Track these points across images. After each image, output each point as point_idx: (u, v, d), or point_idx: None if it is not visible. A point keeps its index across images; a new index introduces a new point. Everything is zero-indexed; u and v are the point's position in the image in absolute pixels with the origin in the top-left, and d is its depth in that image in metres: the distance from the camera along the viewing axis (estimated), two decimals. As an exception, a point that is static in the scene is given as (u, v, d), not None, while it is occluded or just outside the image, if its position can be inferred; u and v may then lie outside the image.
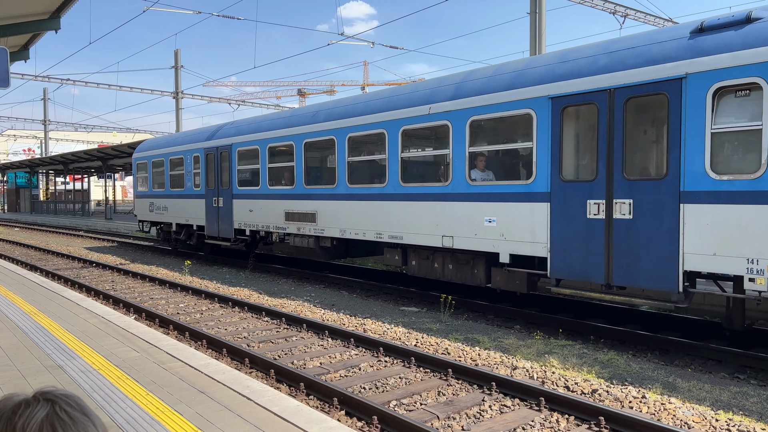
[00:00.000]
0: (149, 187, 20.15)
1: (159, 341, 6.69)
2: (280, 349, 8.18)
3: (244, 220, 14.90)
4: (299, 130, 12.89)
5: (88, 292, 12.76)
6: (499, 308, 10.16)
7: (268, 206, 13.95)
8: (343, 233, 11.69)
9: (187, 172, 17.47)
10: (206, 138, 16.73)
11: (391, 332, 8.94)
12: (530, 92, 8.41)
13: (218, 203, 15.85)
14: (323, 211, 12.21)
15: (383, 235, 10.73)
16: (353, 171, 11.71)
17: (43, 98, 53.56)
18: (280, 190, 13.65)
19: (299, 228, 12.90)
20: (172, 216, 18.60)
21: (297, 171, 12.99)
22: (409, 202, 10.24)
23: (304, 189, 12.78)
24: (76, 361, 5.89)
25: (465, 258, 9.72)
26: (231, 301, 11.31)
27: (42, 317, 8.05)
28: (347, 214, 11.58)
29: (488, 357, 7.54)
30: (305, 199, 12.72)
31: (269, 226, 13.95)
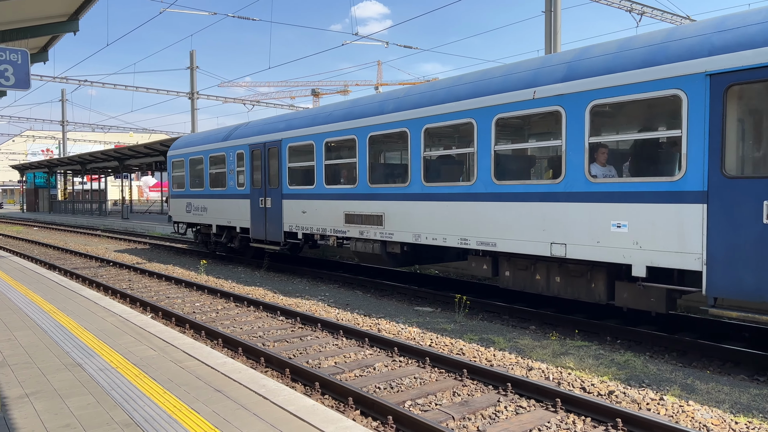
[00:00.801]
0: (186, 187, 18.99)
1: (176, 340, 6.75)
2: (295, 348, 8.22)
3: (295, 222, 13.63)
4: (362, 122, 11.51)
5: (106, 291, 12.91)
6: (513, 308, 10.11)
7: (325, 207, 12.66)
8: (417, 238, 10.33)
9: (230, 170, 16.28)
10: (251, 133, 15.52)
11: (405, 332, 8.94)
12: (677, 69, 6.91)
13: (265, 204, 14.68)
14: (392, 213, 10.87)
15: (469, 241, 9.38)
16: (430, 167, 10.40)
17: (61, 99, 54.27)
18: (338, 189, 12.34)
19: (362, 232, 11.57)
20: (212, 217, 17.39)
21: (360, 168, 11.60)
22: (505, 203, 8.88)
23: (368, 188, 11.44)
24: (95, 359, 5.97)
25: (579, 269, 8.24)
26: (246, 301, 11.38)
27: (61, 315, 8.17)
28: (423, 217, 10.23)
29: (503, 357, 7.51)
30: (370, 200, 11.41)
31: (326, 230, 12.65)
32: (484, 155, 9.18)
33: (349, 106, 12.33)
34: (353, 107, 12.14)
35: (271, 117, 15.76)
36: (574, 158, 7.96)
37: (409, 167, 10.48)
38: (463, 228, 9.54)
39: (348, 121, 11.98)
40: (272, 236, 14.51)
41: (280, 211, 14.18)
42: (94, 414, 4.48)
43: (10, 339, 6.86)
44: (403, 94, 10.97)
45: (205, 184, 17.63)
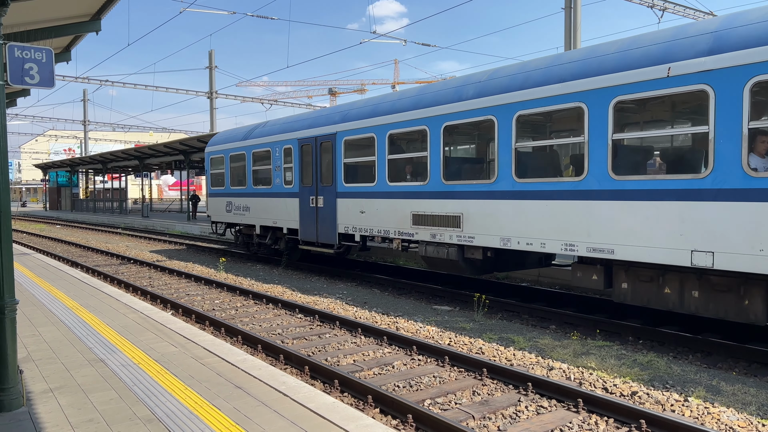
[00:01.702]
0: (226, 185, 17.85)
1: (196, 337, 6.79)
2: (313, 346, 8.23)
3: (352, 222, 12.43)
4: (435, 111, 10.20)
5: (127, 288, 13.06)
6: (533, 308, 10.02)
7: (388, 207, 11.42)
8: (506, 242, 9.00)
9: (275, 167, 15.16)
10: (300, 127, 14.40)
11: (423, 331, 8.90)
12: None
13: (316, 203, 13.56)
14: (473, 214, 9.55)
15: (577, 247, 8.04)
16: (523, 161, 9.17)
17: (83, 99, 55.08)
18: (405, 187, 11.03)
19: (434, 234, 10.26)
20: (256, 217, 16.24)
21: (432, 163, 10.30)
22: (628, 202, 7.50)
23: (442, 185, 10.14)
24: (117, 355, 6.03)
25: (727, 283, 6.90)
26: (265, 298, 11.43)
27: (83, 312, 8.27)
28: (513, 218, 8.92)
29: (523, 357, 7.44)
30: (444, 199, 10.10)
31: (389, 231, 11.38)
32: (598, 146, 7.78)
33: (418, 94, 11.08)
34: (422, 94, 10.87)
35: (322, 108, 14.47)
36: (726, 148, 6.62)
37: (496, 161, 9.14)
38: (567, 231, 8.17)
39: (417, 110, 10.66)
40: (325, 238, 13.39)
41: (333, 210, 13.00)
42: (117, 409, 4.52)
43: (35, 335, 6.96)
44: (486, 77, 9.63)
45: (248, 182, 16.58)
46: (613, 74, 7.66)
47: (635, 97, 7.52)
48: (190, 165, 35.18)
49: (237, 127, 18.06)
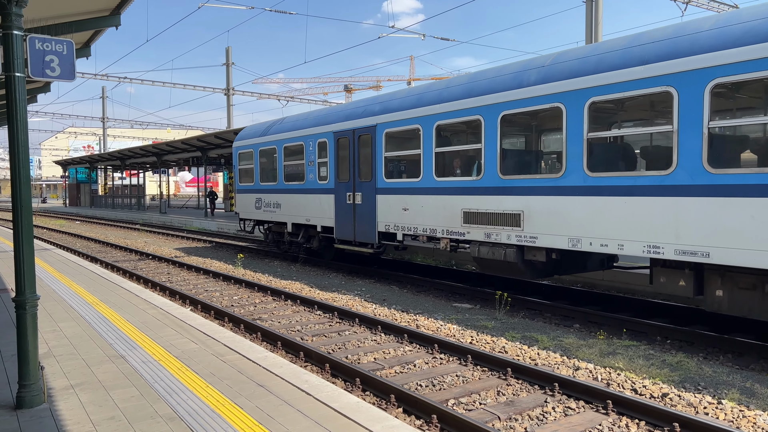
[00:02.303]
0: (255, 180, 17.21)
1: (216, 333, 6.72)
2: (333, 343, 8.13)
3: (394, 220, 11.64)
4: (489, 99, 9.36)
5: (146, 284, 13.09)
6: (556, 306, 9.82)
7: (435, 204, 10.59)
8: (575, 243, 8.16)
9: (309, 162, 14.46)
10: (335, 119, 13.65)
11: (444, 329, 8.76)
12: None
13: (354, 199, 12.83)
14: (535, 212, 8.71)
15: (663, 249, 7.15)
16: (596, 153, 8.31)
17: (101, 96, 55.62)
18: (454, 182, 10.19)
19: (489, 234, 9.43)
20: (287, 214, 15.58)
21: (487, 156, 9.47)
22: (727, 198, 6.61)
23: (498, 180, 9.31)
24: (137, 352, 5.97)
25: None
26: (283, 294, 11.36)
27: (103, 307, 8.25)
28: (585, 217, 8.03)
29: (548, 357, 7.27)
30: (501, 195, 9.27)
31: (435, 231, 10.55)
32: (690, 135, 6.94)
33: (468, 81, 10.17)
34: (474, 82, 9.98)
35: (361, 99, 14.00)
36: None
37: (564, 153, 8.30)
38: (651, 232, 7.28)
39: (469, 98, 9.80)
40: (363, 236, 12.62)
41: (373, 207, 12.22)
42: (138, 407, 4.45)
43: (55, 330, 6.94)
44: (550, 61, 8.85)
45: (279, 178, 15.90)
46: (712, 54, 6.62)
47: (741, 79, 6.53)
48: (207, 161, 35.31)
49: (266, 121, 17.42)
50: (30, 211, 4.50)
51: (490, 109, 9.42)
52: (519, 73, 9.19)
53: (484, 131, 9.52)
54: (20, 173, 4.43)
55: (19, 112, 4.36)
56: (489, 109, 9.43)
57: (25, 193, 4.44)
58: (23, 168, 4.45)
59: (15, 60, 4.30)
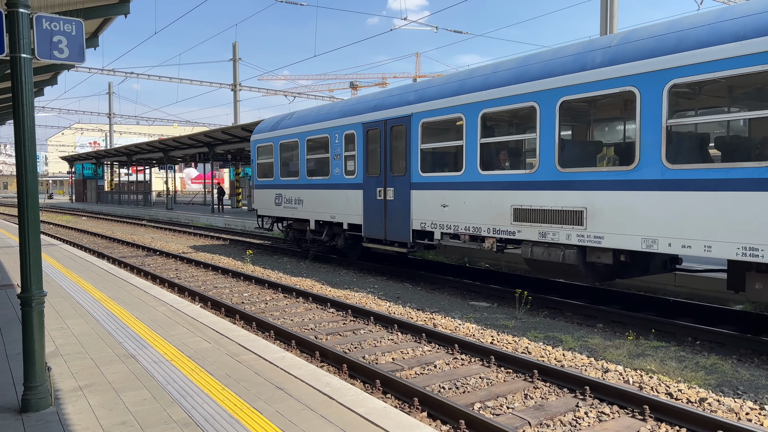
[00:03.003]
0: (275, 175, 16.34)
1: (229, 332, 6.45)
2: (349, 342, 7.85)
3: (430, 218, 10.75)
4: (548, 84, 8.48)
5: (154, 280, 12.84)
6: (578, 305, 9.51)
7: (479, 200, 9.68)
8: (651, 244, 7.28)
9: (334, 155, 13.61)
10: (364, 110, 12.79)
11: (463, 328, 8.47)
12: None
13: (385, 195, 11.93)
14: (601, 208, 7.84)
15: (762, 252, 6.30)
16: (677, 142, 7.48)
17: (108, 92, 55.50)
18: (504, 176, 9.33)
19: (544, 233, 8.58)
20: (310, 211, 14.71)
21: (543, 146, 8.58)
22: None
23: (556, 174, 8.42)
24: (148, 351, 5.71)
25: None
26: (295, 291, 11.09)
27: (112, 304, 8.00)
28: (662, 214, 7.18)
29: (574, 358, 6.97)
30: (560, 190, 8.40)
31: (480, 229, 9.65)
32: None
33: (519, 65, 9.29)
34: (526, 66, 9.11)
35: (392, 88, 12.99)
36: None
37: (637, 143, 7.41)
38: (749, 231, 6.39)
39: (521, 84, 8.93)
40: (395, 235, 11.72)
41: (407, 204, 11.33)
42: (151, 411, 4.18)
43: (63, 327, 6.69)
44: (618, 41, 7.95)
45: (301, 172, 15.04)
46: None
47: None
48: (214, 157, 35.09)
49: (287, 113, 16.78)
50: (37, 202, 4.23)
51: (546, 94, 8.52)
52: (580, 55, 8.33)
53: (540, 119, 8.60)
54: (26, 163, 4.16)
55: (25, 96, 4.09)
56: (546, 95, 8.54)
57: (31, 184, 4.18)
58: (30, 158, 4.18)
59: (21, 40, 4.03)
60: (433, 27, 21.61)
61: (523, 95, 8.89)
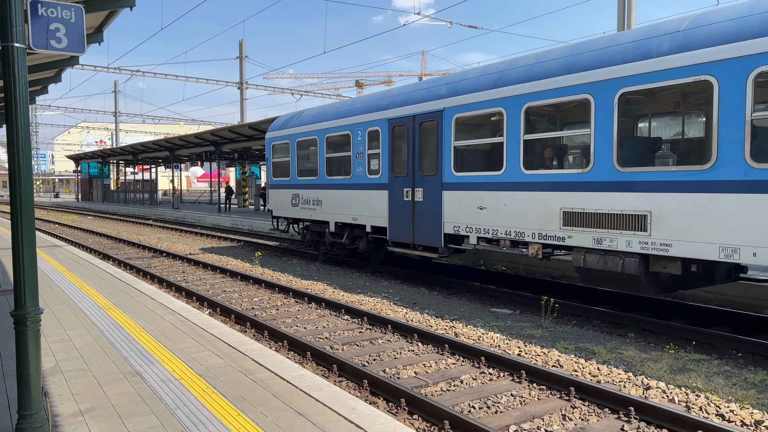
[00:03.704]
0: (292, 175, 15.59)
1: (242, 345, 6.01)
2: (367, 354, 7.40)
3: (465, 221, 9.97)
4: (604, 74, 7.72)
5: (161, 284, 12.43)
6: (605, 312, 9.02)
7: (522, 201, 8.94)
8: (732, 253, 6.52)
9: (357, 154, 12.88)
10: (389, 105, 12.02)
11: (486, 338, 8.01)
12: None
13: (413, 196, 11.18)
14: (669, 213, 7.06)
15: None
16: (764, 137, 6.71)
17: (114, 90, 55.25)
18: (551, 176, 8.55)
19: (599, 239, 7.81)
20: (330, 212, 13.98)
21: (598, 143, 7.82)
22: None
23: (614, 173, 7.66)
24: (155, 367, 5.27)
25: None
26: (306, 296, 10.65)
27: (116, 312, 7.58)
28: (746, 219, 6.39)
29: (610, 372, 6.50)
30: (618, 191, 7.62)
31: (523, 233, 8.90)
32: None
33: (568, 54, 8.52)
34: (577, 54, 8.35)
35: (421, 81, 12.28)
36: None
37: (714, 139, 6.66)
38: None
39: (571, 74, 8.16)
40: (424, 239, 10.99)
41: (438, 205, 10.57)
42: (159, 443, 3.74)
43: (64, 339, 6.27)
44: (685, 26, 7.16)
45: (320, 172, 14.30)
46: None
47: None
48: (221, 156, 34.71)
49: (304, 110, 16.08)
50: (31, 207, 3.79)
51: (603, 86, 7.76)
52: (642, 41, 7.51)
53: (595, 113, 7.86)
54: (20, 164, 3.73)
55: (18, 92, 3.66)
56: (602, 87, 7.77)
57: (25, 187, 3.74)
58: (24, 159, 3.74)
59: (13, 28, 3.59)
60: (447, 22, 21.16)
61: (575, 87, 8.11)
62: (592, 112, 7.90)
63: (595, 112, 7.88)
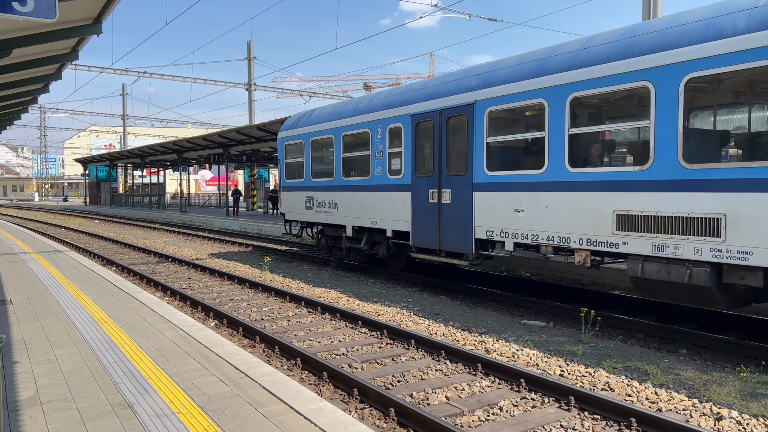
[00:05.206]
0: (306, 176, 14.75)
1: (251, 368, 5.25)
2: (390, 374, 6.62)
3: (500, 225, 9.11)
4: (668, 57, 6.79)
5: (164, 292, 11.72)
6: (649, 325, 8.19)
7: (569, 203, 8.05)
8: None
9: (376, 153, 12.00)
10: (412, 99, 11.13)
11: (522, 355, 7.20)
12: None
13: (439, 197, 10.30)
14: (748, 216, 6.19)
15: None
16: None
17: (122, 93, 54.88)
18: (602, 174, 7.66)
19: (661, 246, 6.94)
20: (346, 216, 13.17)
21: (659, 137, 6.93)
22: None
23: (680, 171, 6.75)
24: (150, 398, 4.51)
25: None
26: (320, 306, 9.89)
27: (112, 327, 6.84)
28: None
29: (671, 398, 5.68)
30: (685, 191, 6.71)
31: (568, 239, 8.06)
32: None
33: (621, 37, 7.58)
34: (632, 38, 7.40)
35: (447, 74, 11.24)
36: None
37: None
38: None
39: (626, 60, 7.26)
40: (452, 245, 10.10)
41: (468, 208, 9.67)
42: (147, 507, 2.97)
43: (50, 360, 5.53)
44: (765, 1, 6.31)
45: (336, 173, 13.45)
46: None
47: None
48: (229, 158, 34.09)
49: (317, 108, 15.25)
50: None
51: (665, 72, 6.82)
52: (712, 20, 6.59)
53: (655, 103, 6.93)
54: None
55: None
56: (664, 73, 6.83)
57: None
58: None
59: (-36, -15, 2.86)
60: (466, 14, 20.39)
61: (631, 73, 7.18)
62: (652, 101, 6.98)
63: (655, 101, 6.96)
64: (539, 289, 11.26)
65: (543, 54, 8.82)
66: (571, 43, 8.61)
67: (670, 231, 6.88)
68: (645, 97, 7.17)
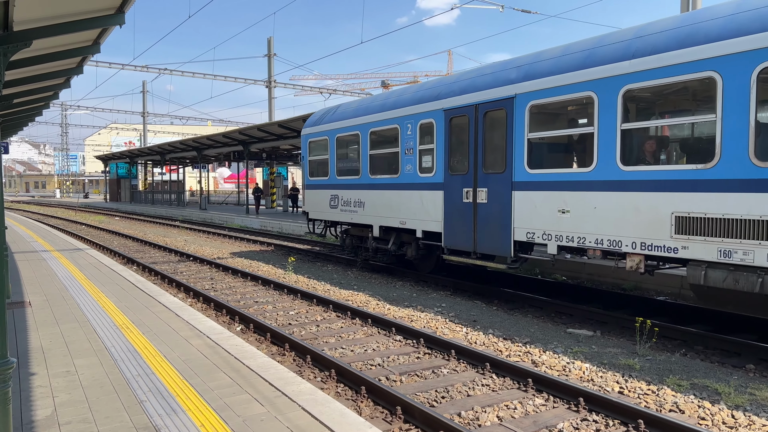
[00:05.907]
0: (330, 174, 14.26)
1: (287, 385, 4.77)
2: (432, 388, 6.11)
3: (542, 226, 8.56)
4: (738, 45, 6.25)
5: (187, 293, 11.32)
6: (706, 335, 7.57)
7: (620, 204, 7.47)
8: None
9: (406, 150, 11.49)
10: (445, 93, 10.56)
11: (573, 368, 6.64)
12: None
13: (475, 197, 9.78)
14: None
15: None
16: None
17: (142, 90, 55.01)
18: (658, 172, 7.07)
19: (727, 251, 6.38)
20: (373, 215, 12.67)
21: (727, 131, 6.35)
22: None
23: (750, 169, 6.22)
24: (179, 420, 4.05)
25: None
26: (350, 311, 9.41)
27: (135, 334, 6.41)
28: None
29: (751, 424, 5.09)
30: (755, 192, 6.20)
31: (620, 243, 7.48)
32: None
33: (680, 25, 7.03)
34: (694, 23, 6.85)
35: (483, 66, 10.62)
36: None
37: None
38: None
39: (686, 48, 6.71)
40: (488, 247, 9.56)
41: (506, 208, 9.14)
42: None
43: (69, 371, 5.11)
44: None
45: (363, 170, 12.95)
46: None
47: None
48: (249, 156, 33.80)
49: (343, 103, 14.79)
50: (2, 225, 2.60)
51: (735, 60, 6.24)
52: None
53: (723, 95, 6.37)
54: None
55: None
56: (733, 61, 6.26)
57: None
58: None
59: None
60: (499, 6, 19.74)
61: (693, 63, 6.58)
62: (719, 93, 6.39)
63: (722, 93, 6.36)
64: (578, 293, 10.66)
65: (590, 44, 8.23)
66: (621, 32, 7.99)
67: (738, 235, 6.28)
68: (710, 88, 6.57)
